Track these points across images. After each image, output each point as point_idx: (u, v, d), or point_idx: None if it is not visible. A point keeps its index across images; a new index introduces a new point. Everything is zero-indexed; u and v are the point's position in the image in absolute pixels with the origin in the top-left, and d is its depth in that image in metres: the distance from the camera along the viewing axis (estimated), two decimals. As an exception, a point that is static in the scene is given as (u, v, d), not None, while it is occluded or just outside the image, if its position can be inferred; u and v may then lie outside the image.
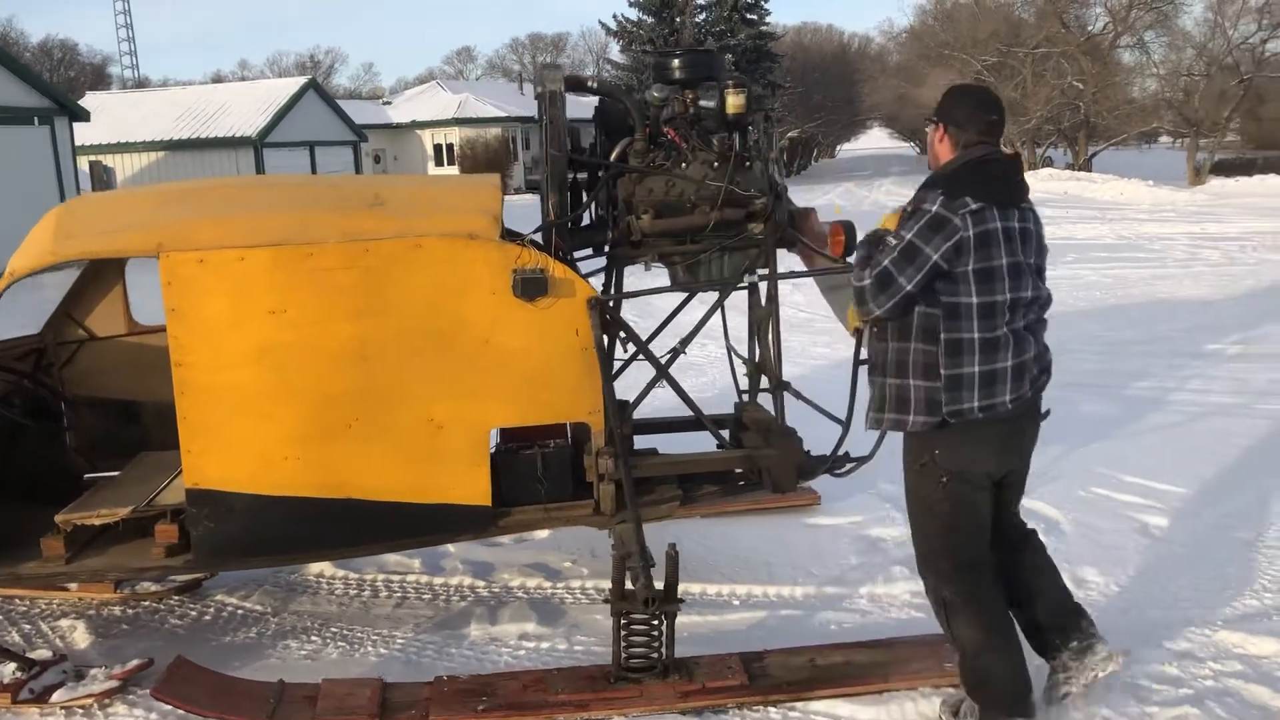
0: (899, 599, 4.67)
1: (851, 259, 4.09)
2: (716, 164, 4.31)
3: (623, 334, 4.33)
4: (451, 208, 4.16)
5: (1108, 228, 20.02)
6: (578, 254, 4.44)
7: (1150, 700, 3.77)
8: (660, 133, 4.35)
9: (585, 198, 4.39)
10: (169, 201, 4.09)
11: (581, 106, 5.30)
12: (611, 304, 4.30)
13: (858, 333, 3.89)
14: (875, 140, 71.40)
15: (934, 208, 3.34)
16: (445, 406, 4.02)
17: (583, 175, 4.44)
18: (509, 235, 4.18)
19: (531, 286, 4.00)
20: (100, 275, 4.98)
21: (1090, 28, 39.46)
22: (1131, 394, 7.96)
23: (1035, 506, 5.41)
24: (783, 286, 4.49)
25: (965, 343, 3.36)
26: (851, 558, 5.11)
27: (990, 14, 39.74)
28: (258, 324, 3.87)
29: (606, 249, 4.46)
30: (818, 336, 10.21)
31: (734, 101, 4.29)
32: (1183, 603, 4.52)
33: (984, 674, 3.54)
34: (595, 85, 4.37)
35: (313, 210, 4.05)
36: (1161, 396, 7.87)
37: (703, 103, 4.35)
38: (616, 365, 4.45)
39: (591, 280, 4.26)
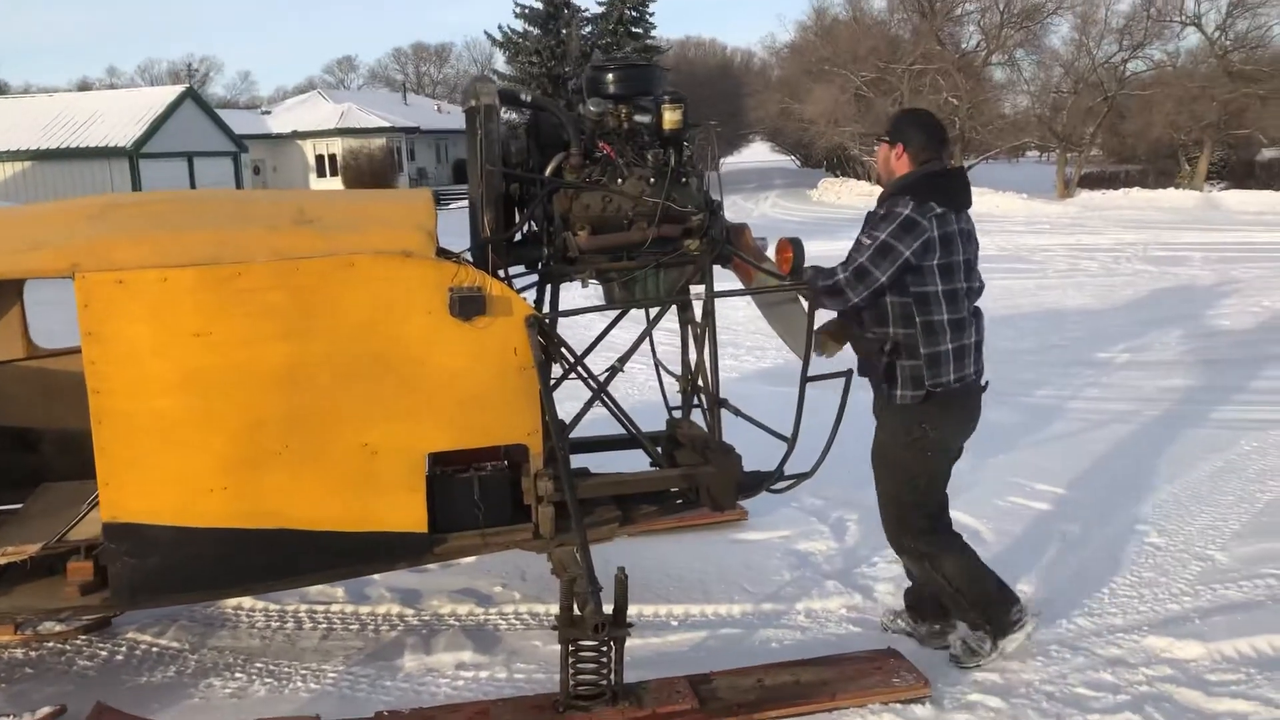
0: (835, 614, 4.68)
1: (802, 276, 4.15)
2: (653, 179, 4.26)
3: (563, 352, 4.24)
4: (384, 223, 4.02)
5: (988, 239, 20.58)
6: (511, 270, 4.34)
7: (1091, 708, 3.85)
8: (595, 147, 4.29)
9: (518, 213, 4.29)
10: (83, 218, 3.84)
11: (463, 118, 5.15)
12: (549, 322, 4.21)
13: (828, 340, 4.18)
14: (757, 154, 72.40)
15: (906, 211, 3.87)
16: (380, 431, 3.87)
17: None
18: (443, 252, 4.06)
19: (469, 305, 3.89)
20: (-5, 295, 4.68)
21: (964, 45, 40.82)
22: (1032, 403, 8.19)
23: (955, 516, 5.50)
24: (715, 303, 4.46)
25: (938, 324, 3.92)
26: (784, 573, 5.11)
27: (869, 31, 40.73)
28: (181, 348, 3.66)
29: (541, 266, 4.37)
30: (738, 350, 10.27)
31: (671, 117, 4.26)
32: (1108, 609, 4.64)
33: (983, 594, 4.13)
34: (529, 99, 4.27)
35: (239, 227, 3.85)
36: (1060, 405, 8.13)
37: (638, 118, 4.30)
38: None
39: (523, 297, 4.17)
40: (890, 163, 4.08)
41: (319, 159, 46.06)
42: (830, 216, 27.55)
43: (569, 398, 4.51)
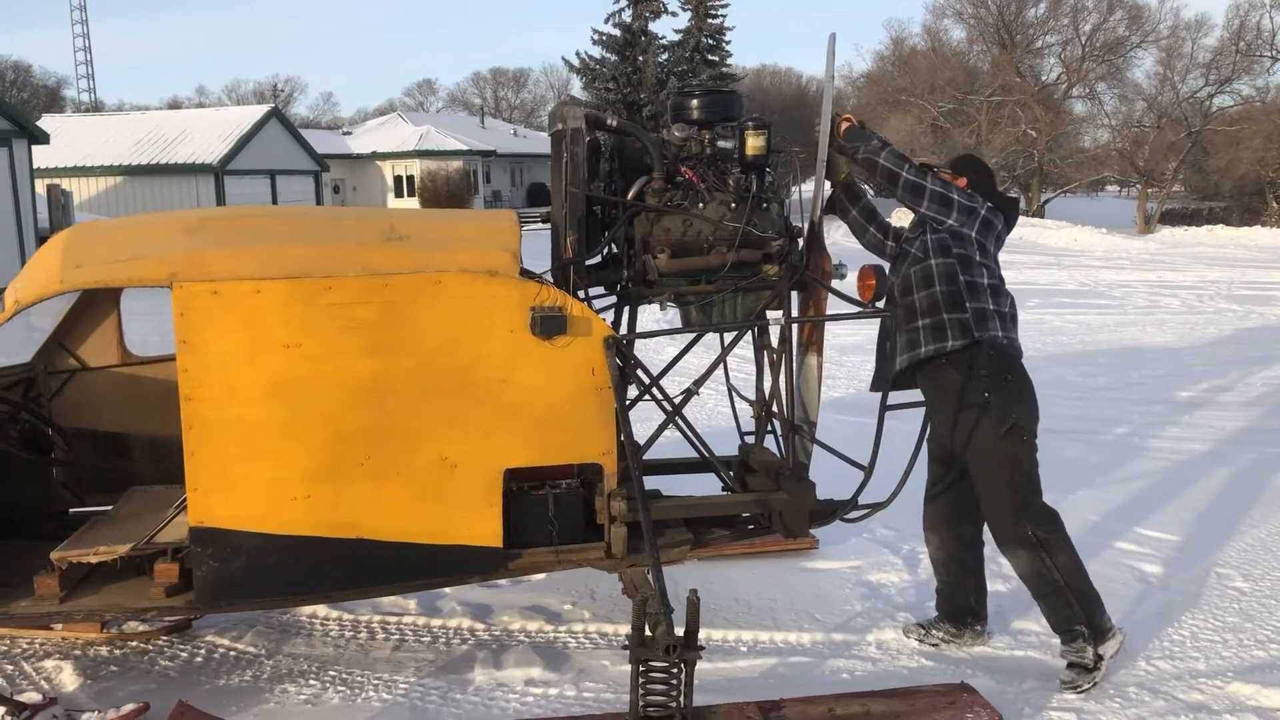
0: (908, 646, 4.62)
1: (881, 304, 4.15)
2: (734, 204, 4.29)
3: (638, 374, 4.27)
4: (470, 243, 4.09)
5: (1066, 274, 20.37)
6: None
7: (1172, 753, 3.75)
8: (677, 172, 4.33)
9: (601, 235, 4.34)
10: (180, 230, 3.97)
11: (539, 142, 5.26)
12: (626, 343, 4.24)
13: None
14: (830, 182, 72.23)
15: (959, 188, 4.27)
16: (460, 446, 3.94)
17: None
18: (525, 273, 4.12)
19: (550, 325, 3.95)
20: (94, 303, 4.84)
21: (1044, 78, 40.38)
22: (1111, 440, 8.03)
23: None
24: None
25: (980, 285, 4.18)
26: (855, 603, 5.06)
27: (947, 62, 40.53)
28: (272, 358, 3.76)
29: (620, 288, 4.41)
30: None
31: (753, 143, 4.29)
32: (1190, 653, 4.52)
33: (1086, 590, 4.25)
34: (615, 123, 4.33)
35: (331, 242, 3.95)
36: (1140, 444, 7.95)
37: (721, 143, 4.34)
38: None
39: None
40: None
41: (397, 179, 46.92)
42: (904, 247, 27.30)
43: (639, 420, 4.54)
